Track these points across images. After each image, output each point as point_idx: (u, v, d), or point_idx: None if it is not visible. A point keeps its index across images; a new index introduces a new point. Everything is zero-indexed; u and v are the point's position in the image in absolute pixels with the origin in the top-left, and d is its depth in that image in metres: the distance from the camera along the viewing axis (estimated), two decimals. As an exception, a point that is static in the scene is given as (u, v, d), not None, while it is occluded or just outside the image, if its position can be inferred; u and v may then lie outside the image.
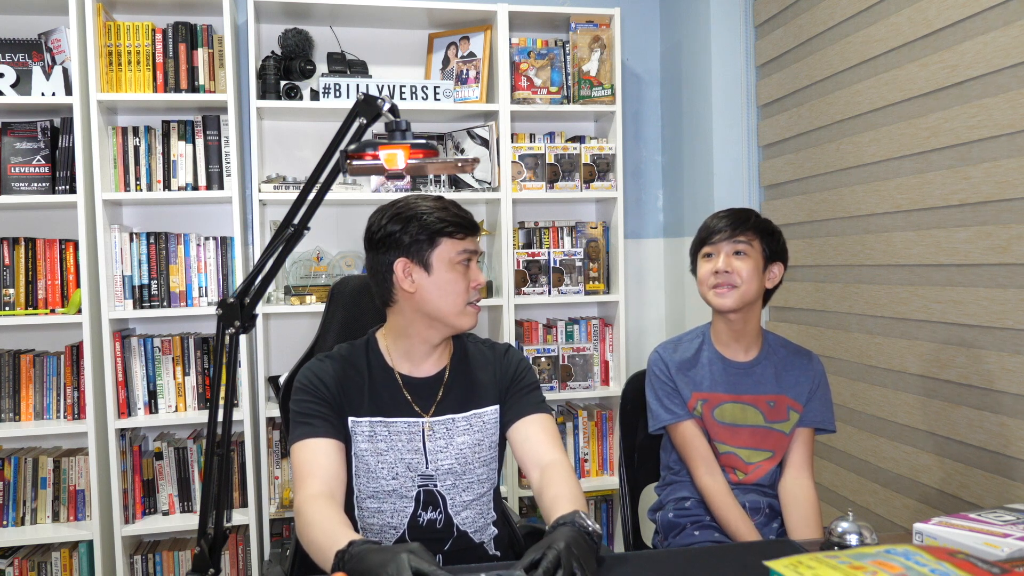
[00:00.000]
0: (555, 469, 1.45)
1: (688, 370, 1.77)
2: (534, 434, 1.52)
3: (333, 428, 1.47)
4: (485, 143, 2.86)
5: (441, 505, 1.52)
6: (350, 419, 1.50)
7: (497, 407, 1.57)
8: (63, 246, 2.59)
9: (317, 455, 1.44)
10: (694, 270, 1.79)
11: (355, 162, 1.42)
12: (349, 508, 1.53)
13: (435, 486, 1.51)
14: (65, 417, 2.60)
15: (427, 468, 1.51)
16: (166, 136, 2.65)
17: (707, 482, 1.71)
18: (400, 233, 1.46)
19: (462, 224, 1.48)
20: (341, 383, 1.51)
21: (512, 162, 2.81)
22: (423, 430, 1.51)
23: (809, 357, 1.80)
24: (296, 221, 1.45)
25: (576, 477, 1.46)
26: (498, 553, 1.58)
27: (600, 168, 2.88)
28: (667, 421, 1.75)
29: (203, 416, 2.59)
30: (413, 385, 1.54)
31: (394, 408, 1.52)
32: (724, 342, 1.77)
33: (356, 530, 1.43)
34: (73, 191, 2.52)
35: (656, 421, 1.77)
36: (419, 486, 1.51)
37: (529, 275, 2.86)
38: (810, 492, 1.70)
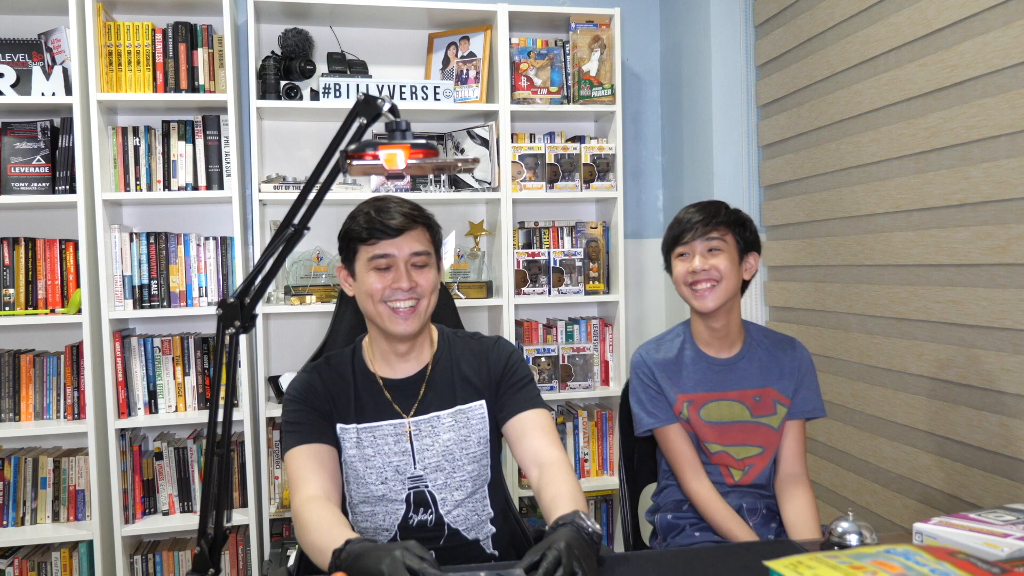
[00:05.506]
0: (554, 468, 1.45)
1: (672, 372, 1.75)
2: (531, 431, 1.52)
3: (324, 434, 1.50)
4: (485, 143, 2.86)
5: (432, 505, 1.52)
6: (338, 426, 1.52)
7: (483, 402, 1.57)
8: (63, 246, 2.59)
9: (311, 459, 1.46)
10: (668, 268, 1.77)
11: (355, 162, 1.42)
12: (344, 513, 1.53)
13: (426, 486, 1.52)
14: (65, 417, 2.60)
15: (415, 469, 1.52)
16: (166, 136, 2.65)
17: (694, 487, 1.71)
18: (339, 241, 1.56)
19: (375, 229, 1.49)
20: (329, 391, 1.54)
21: (512, 162, 2.81)
22: (408, 431, 1.52)
23: (792, 345, 1.78)
24: (296, 221, 1.44)
25: (575, 475, 1.45)
26: (496, 552, 1.57)
27: (600, 168, 2.88)
28: (650, 425, 1.74)
29: (203, 416, 2.59)
30: (394, 386, 1.55)
31: (377, 412, 1.53)
32: (706, 341, 1.76)
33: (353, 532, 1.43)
34: (73, 191, 2.52)
35: (639, 426, 1.77)
36: (410, 488, 1.52)
37: (529, 275, 2.86)
38: (805, 485, 1.71)
